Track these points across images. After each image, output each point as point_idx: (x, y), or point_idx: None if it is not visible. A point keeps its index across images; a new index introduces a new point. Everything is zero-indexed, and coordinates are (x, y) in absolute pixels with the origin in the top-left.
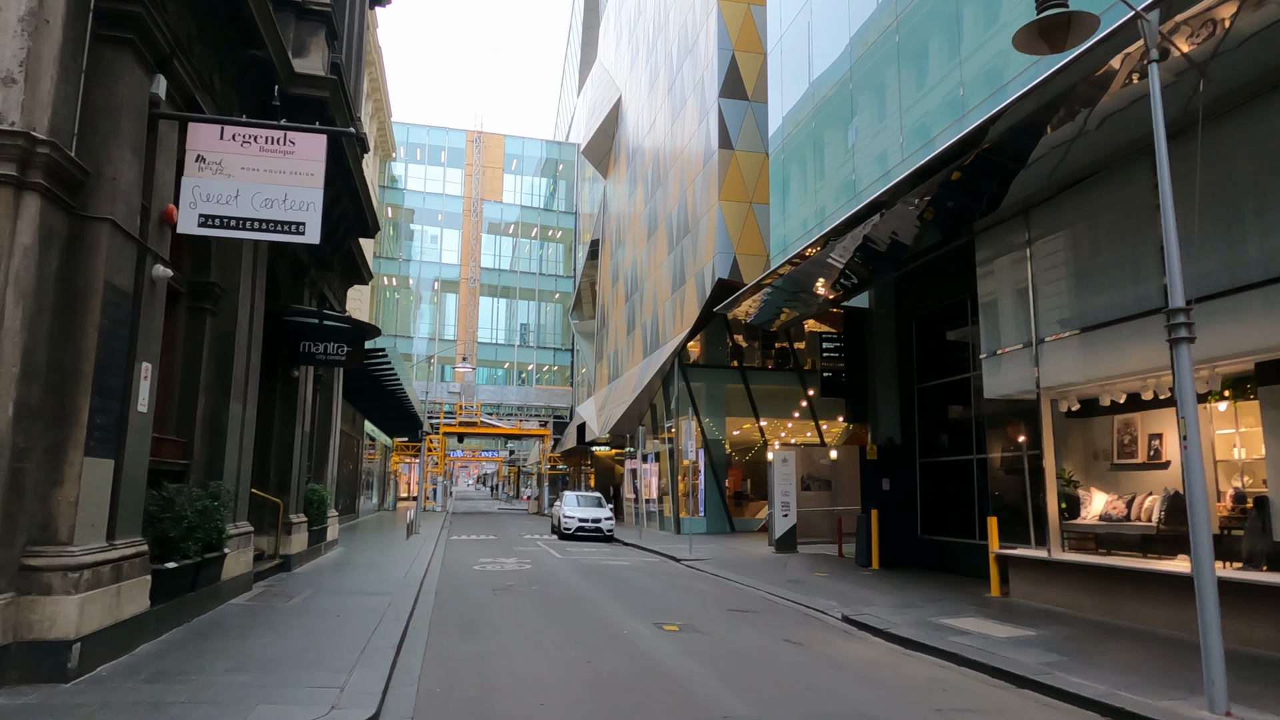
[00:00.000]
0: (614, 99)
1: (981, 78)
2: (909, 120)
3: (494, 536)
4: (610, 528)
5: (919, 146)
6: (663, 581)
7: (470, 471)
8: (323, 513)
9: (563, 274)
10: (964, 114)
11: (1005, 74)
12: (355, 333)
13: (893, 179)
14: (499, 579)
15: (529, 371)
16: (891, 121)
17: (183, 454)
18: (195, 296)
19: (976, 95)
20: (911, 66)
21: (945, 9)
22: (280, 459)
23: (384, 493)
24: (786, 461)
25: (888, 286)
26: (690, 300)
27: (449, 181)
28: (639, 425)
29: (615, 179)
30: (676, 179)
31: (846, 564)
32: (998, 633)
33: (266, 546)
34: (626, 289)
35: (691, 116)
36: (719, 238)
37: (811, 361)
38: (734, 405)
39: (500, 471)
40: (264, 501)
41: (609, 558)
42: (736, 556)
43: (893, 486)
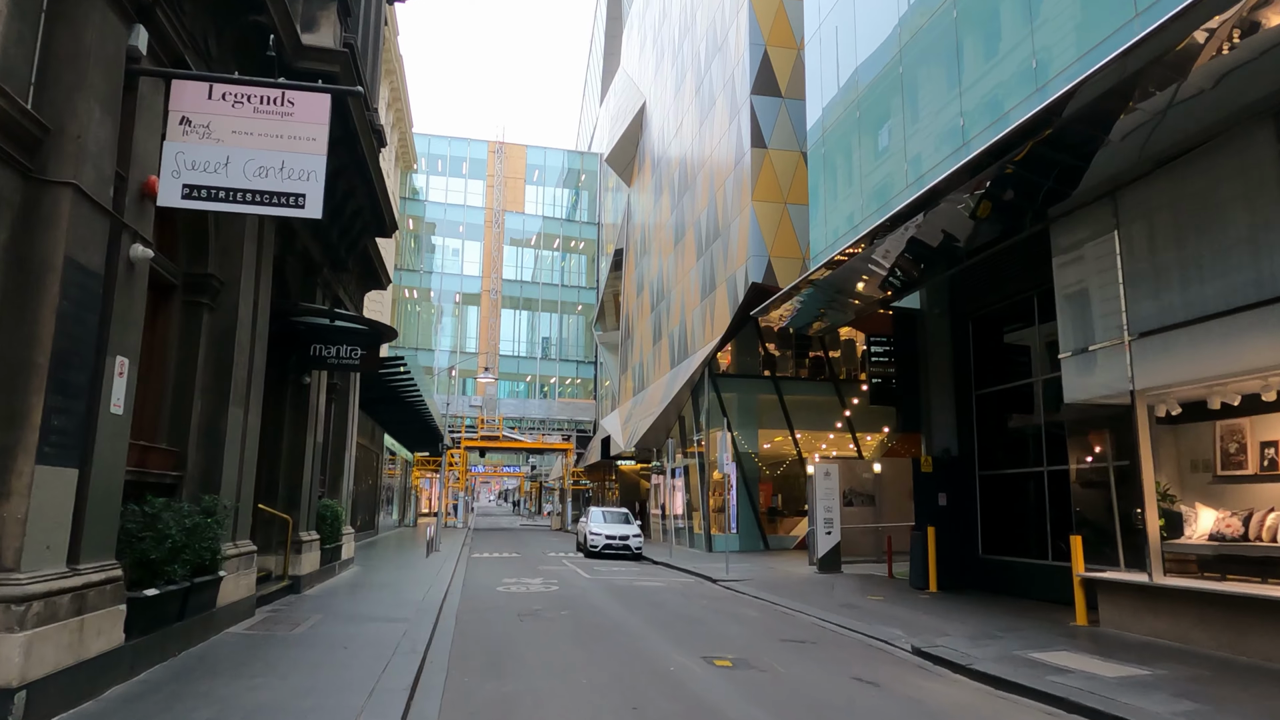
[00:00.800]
0: (638, 105)
1: (1065, 39)
2: (974, 97)
3: (517, 554)
4: (639, 545)
5: (989, 123)
6: (702, 606)
7: (492, 487)
8: (337, 529)
9: (585, 285)
10: (1044, 83)
11: (1095, 32)
12: (370, 334)
13: (950, 166)
14: (525, 602)
15: (551, 385)
16: (949, 102)
17: (174, 464)
18: (191, 290)
19: (1059, 59)
20: (977, 37)
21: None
22: (290, 472)
23: (404, 508)
24: (829, 475)
25: (940, 286)
26: (721, 307)
27: (470, 193)
28: (667, 438)
29: (640, 187)
30: (705, 182)
31: (899, 586)
32: (1104, 671)
33: (274, 567)
34: (652, 298)
35: (721, 116)
36: (752, 240)
37: (847, 370)
38: (767, 417)
39: (522, 487)
40: (271, 518)
41: (640, 578)
42: (776, 577)
43: (949, 501)
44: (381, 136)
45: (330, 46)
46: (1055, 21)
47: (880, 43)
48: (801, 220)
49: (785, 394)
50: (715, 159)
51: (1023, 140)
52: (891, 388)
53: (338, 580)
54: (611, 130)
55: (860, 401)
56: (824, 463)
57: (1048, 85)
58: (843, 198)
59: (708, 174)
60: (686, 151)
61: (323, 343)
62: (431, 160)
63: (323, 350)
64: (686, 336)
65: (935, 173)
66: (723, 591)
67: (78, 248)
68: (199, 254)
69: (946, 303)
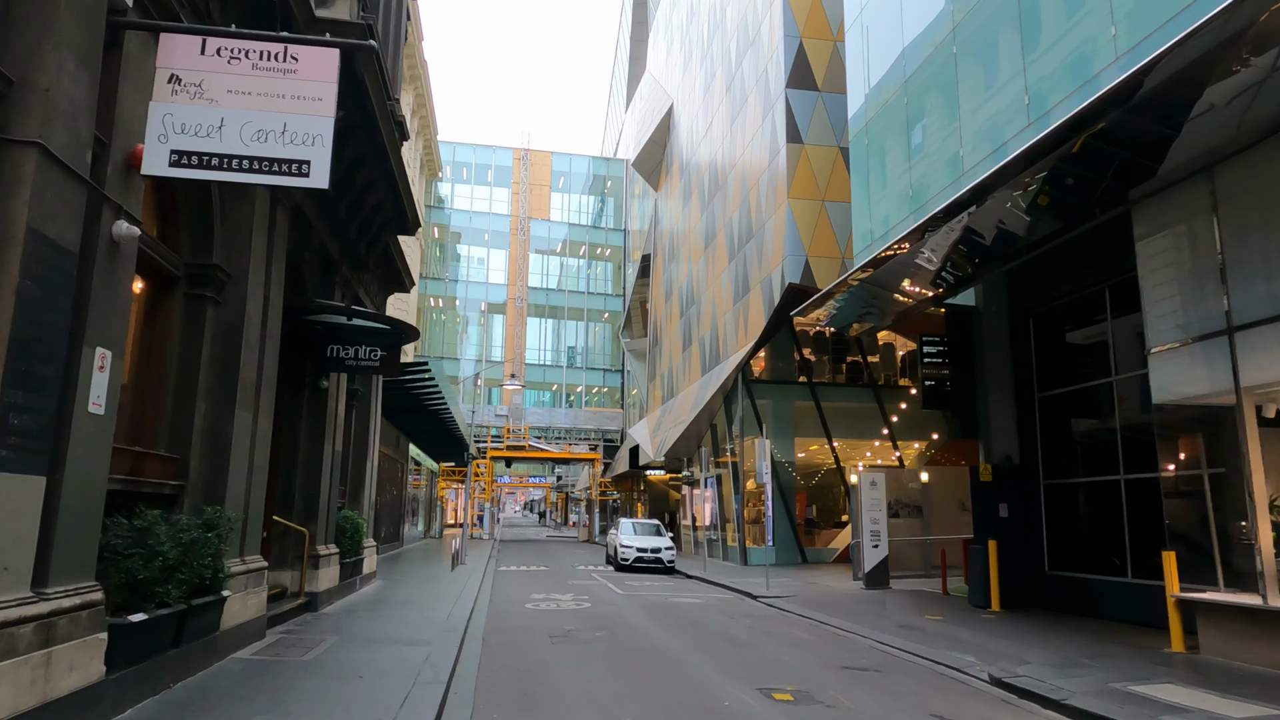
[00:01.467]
0: (665, 108)
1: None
2: (1049, 63)
3: (545, 567)
4: (671, 558)
5: (1071, 90)
6: (747, 626)
7: (517, 498)
8: (357, 542)
9: (611, 293)
10: (1136, 42)
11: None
12: (390, 334)
13: (1020, 144)
14: (556, 621)
15: (578, 393)
16: (1012, 76)
17: (174, 473)
18: (195, 282)
19: (1153, 11)
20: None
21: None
22: (306, 482)
23: (430, 520)
24: (876, 484)
25: (997, 281)
26: (755, 310)
27: (496, 200)
28: (698, 447)
29: (667, 191)
30: (737, 182)
31: (957, 604)
32: (1228, 710)
33: (290, 583)
34: (681, 304)
35: (754, 113)
36: (789, 240)
37: (886, 375)
38: (803, 424)
39: (548, 497)
40: (286, 531)
41: (676, 594)
42: (820, 593)
43: (1011, 513)
44: (404, 129)
45: (346, 19)
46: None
47: (930, 19)
48: (840, 218)
49: (822, 400)
50: (748, 157)
51: (1110, 107)
52: (945, 390)
53: (358, 596)
54: (638, 134)
55: (904, 407)
56: (870, 471)
57: (1140, 46)
58: (890, 189)
59: (740, 174)
60: (716, 152)
61: (340, 343)
62: (456, 168)
63: (340, 351)
64: (718, 342)
65: (999, 155)
66: (766, 610)
67: (45, 219)
68: (203, 243)
69: (1004, 299)
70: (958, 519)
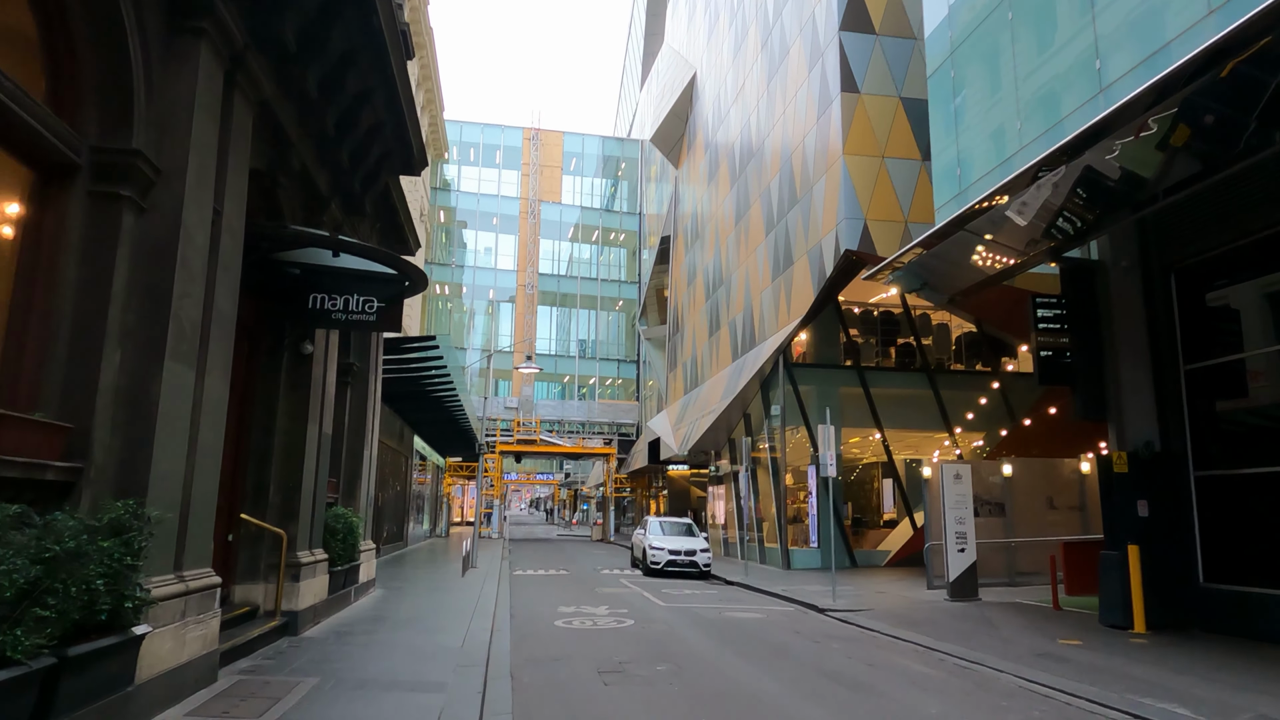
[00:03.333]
0: (687, 78)
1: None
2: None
3: (564, 571)
4: (707, 561)
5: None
6: (843, 654)
7: (523, 495)
8: (351, 546)
9: (626, 279)
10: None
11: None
12: (390, 279)
13: (1186, 48)
14: (599, 647)
15: (590, 385)
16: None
17: (65, 450)
18: (103, 175)
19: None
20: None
21: None
22: (286, 471)
23: (436, 518)
24: (961, 479)
25: (1126, 229)
26: (801, 284)
27: (504, 183)
28: (728, 439)
29: (689, 168)
30: (776, 145)
31: (1084, 623)
32: None
33: (263, 599)
34: (707, 286)
35: (798, 66)
36: (844, 201)
37: (939, 360)
38: (850, 412)
39: (556, 495)
40: (260, 534)
41: (729, 606)
42: (900, 605)
43: (1152, 511)
44: (408, 42)
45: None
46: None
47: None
48: (904, 177)
49: (871, 386)
50: (790, 116)
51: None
52: (1065, 362)
53: (352, 613)
54: (657, 108)
55: (962, 394)
56: (953, 463)
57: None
58: (986, 121)
59: (779, 136)
60: (749, 116)
61: (326, 291)
62: (463, 149)
63: (326, 302)
64: (753, 323)
65: (1148, 68)
66: (848, 629)
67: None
68: (118, 120)
69: (1136, 251)
70: (1044, 518)
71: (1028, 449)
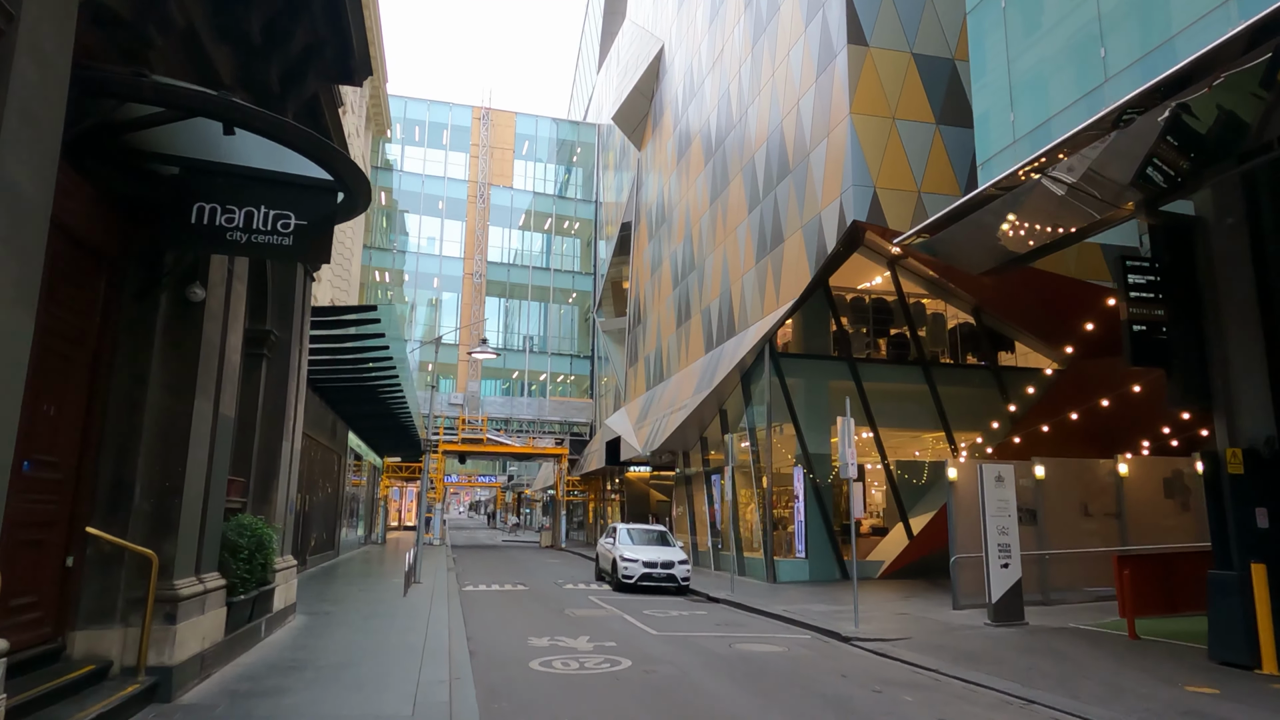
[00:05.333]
0: (653, 52)
1: None
2: None
3: (523, 585)
4: (686, 574)
5: None
6: (921, 710)
7: (462, 498)
8: (262, 566)
9: (580, 270)
10: None
11: None
12: (317, 188)
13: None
14: (601, 710)
15: (541, 382)
16: None
17: None
18: None
19: None
20: None
21: None
22: (160, 466)
23: (372, 522)
24: (1003, 481)
25: (1232, 178)
26: (794, 264)
27: (452, 164)
28: (700, 438)
29: (655, 148)
30: (763, 112)
31: (1185, 657)
32: None
33: (118, 650)
34: (675, 273)
35: (791, 20)
36: (851, 167)
37: (937, 352)
38: (837, 408)
39: (499, 498)
40: (116, 555)
41: (734, 634)
42: (936, 632)
43: (1273, 522)
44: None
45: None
46: None
47: None
48: (917, 142)
49: (863, 380)
50: (781, 79)
51: None
52: (1160, 339)
53: (260, 655)
54: (619, 86)
55: (959, 390)
56: (993, 463)
57: None
58: (1052, 47)
59: (766, 103)
60: (728, 85)
61: (218, 200)
62: (408, 126)
63: (218, 215)
64: (732, 310)
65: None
66: (902, 670)
67: None
68: None
69: (1243, 206)
70: (1079, 527)
71: (1038, 449)
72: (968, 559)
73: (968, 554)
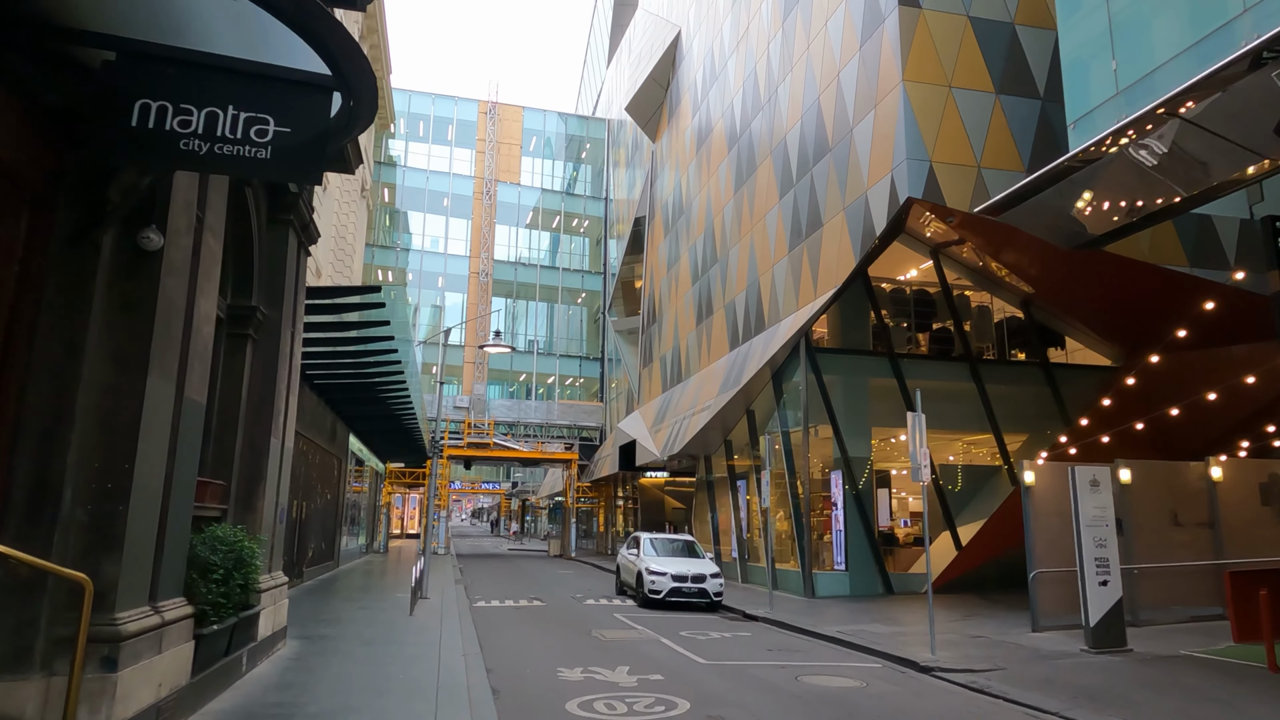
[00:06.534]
0: (669, 39)
1: None
2: None
3: (539, 601)
4: (719, 589)
5: None
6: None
7: (464, 506)
8: (241, 588)
9: (589, 270)
10: None
11: None
12: (310, 86)
13: None
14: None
15: (549, 385)
16: None
17: None
18: None
19: None
20: None
21: None
22: (99, 462)
23: (374, 531)
24: (1098, 486)
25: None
26: (834, 249)
27: (457, 160)
28: (724, 441)
29: (671, 138)
30: (796, 89)
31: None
32: None
33: (35, 709)
34: (694, 267)
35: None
36: (904, 139)
37: (983, 348)
38: (880, 408)
39: (503, 505)
40: (36, 580)
41: (795, 662)
42: (1027, 660)
43: None
44: None
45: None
46: None
47: None
48: (976, 113)
49: (907, 377)
50: (817, 51)
51: None
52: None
53: (236, 699)
54: (632, 75)
55: (1008, 388)
56: (1087, 466)
57: None
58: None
59: (800, 79)
60: (755, 65)
61: (167, 97)
62: (412, 121)
63: (168, 118)
64: (762, 303)
65: None
66: (1019, 714)
67: None
68: None
69: None
70: (1169, 538)
71: (1111, 452)
72: (1049, 575)
73: (1049, 569)
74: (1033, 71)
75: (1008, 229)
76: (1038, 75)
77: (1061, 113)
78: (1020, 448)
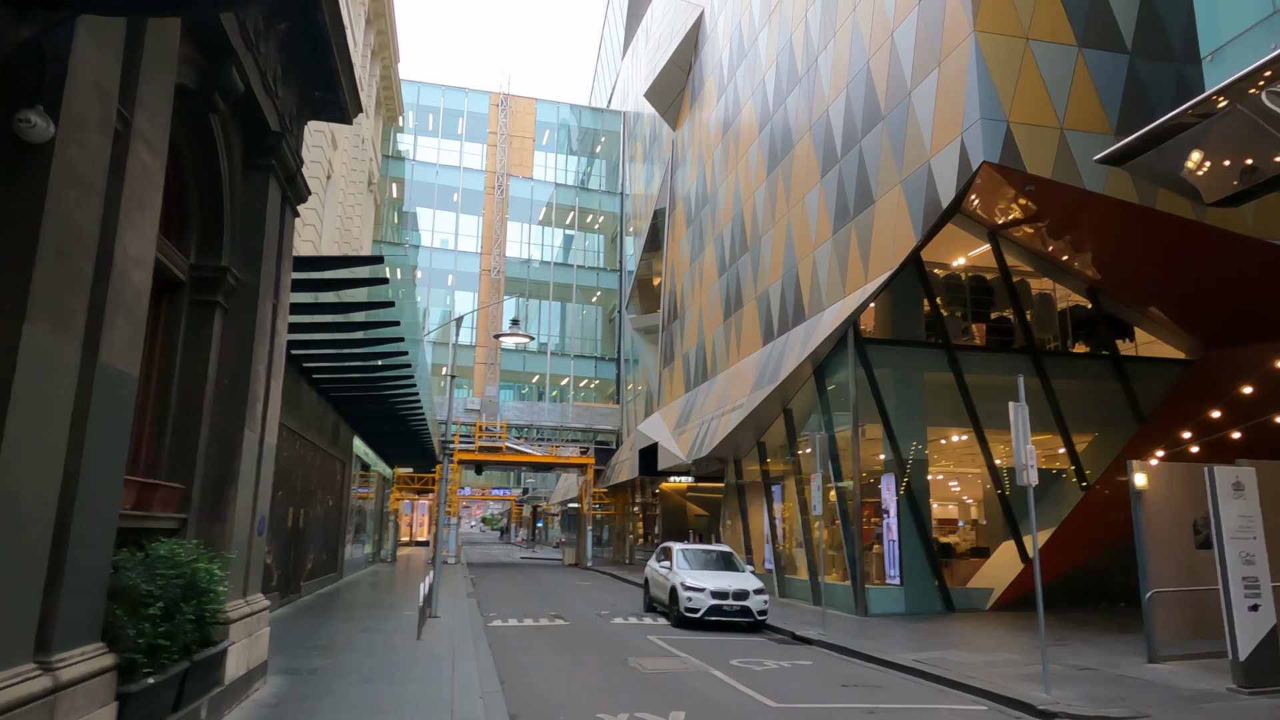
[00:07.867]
0: (690, 20)
1: None
2: None
3: (562, 620)
4: (763, 606)
5: None
6: None
7: (473, 512)
8: (194, 622)
9: (603, 268)
10: None
11: None
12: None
13: None
14: None
15: (563, 386)
16: None
17: None
18: None
19: None
20: None
21: None
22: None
23: (381, 539)
24: (1242, 490)
25: None
26: (889, 227)
27: (468, 154)
28: (756, 443)
29: (693, 124)
30: (840, 56)
31: None
32: None
33: None
34: (721, 258)
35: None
36: (978, 96)
37: (1045, 339)
38: (936, 405)
39: (514, 511)
40: None
41: (888, 707)
42: (1170, 704)
43: None
44: None
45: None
46: None
47: None
48: (1057, 68)
49: (965, 371)
50: (865, 12)
51: None
52: None
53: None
54: (652, 60)
55: (1075, 383)
56: (1227, 466)
57: None
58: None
59: (844, 44)
60: (790, 35)
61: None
62: (420, 114)
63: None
64: (800, 292)
65: None
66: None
67: None
68: None
69: None
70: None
71: (1222, 451)
72: (1167, 595)
73: (1167, 588)
74: (1119, 23)
75: (1090, 200)
76: (1124, 28)
77: (1154, 71)
78: (1087, 448)
